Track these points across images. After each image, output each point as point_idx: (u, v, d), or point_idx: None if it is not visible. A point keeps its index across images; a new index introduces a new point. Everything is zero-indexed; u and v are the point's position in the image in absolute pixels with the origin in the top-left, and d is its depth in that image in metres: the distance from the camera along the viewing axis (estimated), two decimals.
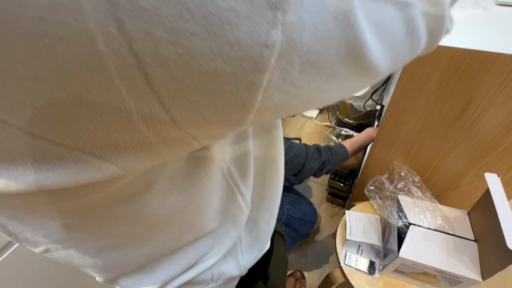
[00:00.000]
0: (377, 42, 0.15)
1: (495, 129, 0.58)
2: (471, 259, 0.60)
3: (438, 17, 0.18)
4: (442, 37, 0.21)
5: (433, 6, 0.18)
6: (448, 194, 0.79)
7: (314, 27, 0.11)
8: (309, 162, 0.72)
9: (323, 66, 0.13)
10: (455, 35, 0.52)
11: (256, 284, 0.41)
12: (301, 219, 1.04)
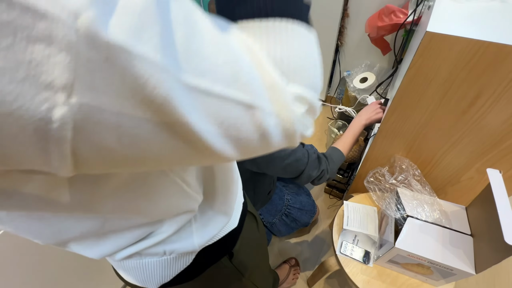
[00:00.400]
0: (215, 131, 0.17)
1: (500, 125, 0.58)
2: (466, 252, 0.61)
3: (287, 121, 0.19)
4: (300, 137, 0.22)
5: (283, 110, 0.19)
6: (447, 189, 0.80)
7: (115, 109, 0.13)
8: (308, 169, 0.71)
9: (139, 141, 0.15)
10: (469, 26, 0.51)
11: (220, 260, 0.42)
12: (300, 208, 1.05)
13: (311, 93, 0.21)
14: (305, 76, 0.20)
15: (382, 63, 1.45)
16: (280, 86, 0.19)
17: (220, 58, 0.16)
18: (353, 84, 1.41)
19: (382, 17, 1.16)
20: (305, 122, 0.21)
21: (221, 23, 0.18)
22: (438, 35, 0.50)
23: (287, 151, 0.67)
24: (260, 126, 0.18)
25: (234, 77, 0.17)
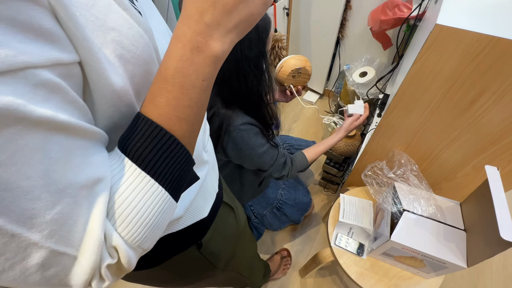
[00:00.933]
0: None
1: (501, 123, 0.58)
2: (458, 247, 0.62)
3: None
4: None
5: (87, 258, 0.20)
6: (442, 185, 0.81)
7: None
8: (271, 170, 0.77)
9: None
10: (478, 21, 0.50)
11: (188, 249, 0.42)
12: (292, 205, 1.05)
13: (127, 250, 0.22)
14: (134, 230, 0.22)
15: (382, 58, 1.45)
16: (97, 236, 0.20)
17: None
18: (352, 78, 1.40)
19: (386, 11, 1.14)
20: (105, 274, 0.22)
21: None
22: (447, 28, 0.49)
23: (262, 149, 0.71)
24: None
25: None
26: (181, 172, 0.25)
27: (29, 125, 0.16)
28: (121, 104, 0.24)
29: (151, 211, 0.22)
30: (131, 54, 0.23)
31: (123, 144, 0.23)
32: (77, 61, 0.20)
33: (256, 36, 0.63)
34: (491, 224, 0.51)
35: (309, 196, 1.13)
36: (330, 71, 1.75)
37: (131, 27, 0.23)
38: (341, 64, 1.66)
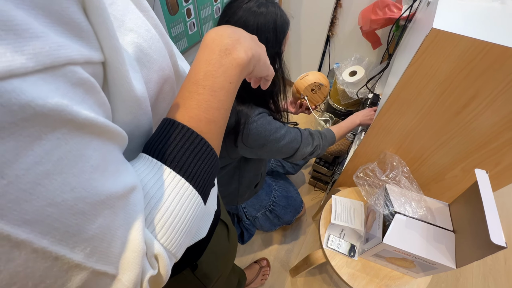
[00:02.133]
0: None
1: (491, 127, 0.59)
2: (448, 248, 0.63)
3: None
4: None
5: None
6: (431, 186, 0.82)
7: None
8: (302, 146, 0.74)
9: None
10: (473, 26, 0.50)
11: (182, 272, 0.40)
12: (285, 207, 1.04)
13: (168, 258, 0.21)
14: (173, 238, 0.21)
15: (371, 57, 1.46)
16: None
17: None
18: (342, 77, 1.40)
19: (376, 10, 1.14)
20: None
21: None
22: (443, 32, 0.49)
23: (281, 132, 0.69)
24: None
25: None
26: (211, 175, 0.24)
27: (73, 129, 0.15)
28: (140, 112, 0.22)
29: (187, 215, 0.22)
30: (147, 58, 0.22)
31: (153, 149, 0.22)
32: (102, 61, 0.18)
33: (273, 37, 0.63)
34: (480, 227, 0.52)
35: (300, 197, 1.13)
36: (319, 69, 1.75)
37: (149, 30, 0.22)
38: (331, 63, 1.66)
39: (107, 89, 0.19)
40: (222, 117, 0.25)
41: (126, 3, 0.21)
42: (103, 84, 0.19)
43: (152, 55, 0.23)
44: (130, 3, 0.21)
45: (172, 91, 0.27)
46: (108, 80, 0.19)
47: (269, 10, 0.61)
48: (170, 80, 0.26)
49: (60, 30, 0.14)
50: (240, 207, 0.99)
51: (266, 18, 0.61)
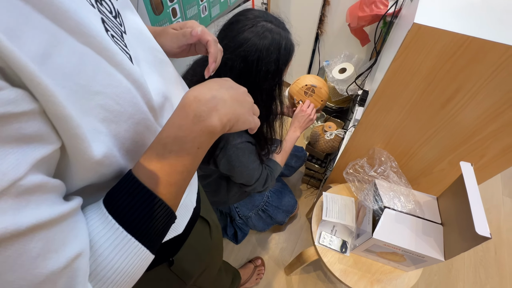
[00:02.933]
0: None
1: (474, 120, 0.60)
2: (436, 240, 0.64)
3: None
4: None
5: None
6: (420, 180, 0.83)
7: None
8: (255, 185, 0.75)
9: None
10: (454, 20, 0.50)
11: (157, 267, 0.40)
12: (278, 207, 1.04)
13: None
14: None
15: (360, 54, 1.46)
16: None
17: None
18: (332, 74, 1.41)
19: (363, 7, 1.15)
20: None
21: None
22: (425, 27, 0.49)
23: (249, 167, 0.69)
24: None
25: None
26: (164, 229, 0.26)
27: (14, 238, 0.16)
28: (103, 168, 0.24)
29: (132, 270, 0.23)
30: (114, 113, 0.23)
31: (109, 202, 0.23)
32: (59, 146, 0.20)
33: (275, 68, 0.59)
34: (466, 219, 0.53)
35: (294, 199, 1.12)
36: (310, 67, 1.75)
37: (119, 85, 0.23)
38: (321, 60, 1.67)
39: (66, 157, 0.21)
40: (185, 179, 0.26)
41: (97, 63, 0.21)
42: (62, 154, 0.21)
43: (120, 109, 0.23)
44: (101, 61, 0.22)
45: (147, 128, 0.28)
46: (68, 154, 0.20)
47: (273, 37, 0.56)
48: (143, 121, 0.27)
49: (9, 149, 0.16)
50: (233, 207, 0.98)
51: (268, 50, 0.56)
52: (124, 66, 0.23)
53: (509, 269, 1.19)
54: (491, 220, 1.35)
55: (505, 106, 0.54)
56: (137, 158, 0.26)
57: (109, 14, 0.26)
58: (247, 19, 0.57)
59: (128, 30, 0.29)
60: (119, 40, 0.25)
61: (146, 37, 0.33)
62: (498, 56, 0.47)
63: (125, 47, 0.26)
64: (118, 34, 0.26)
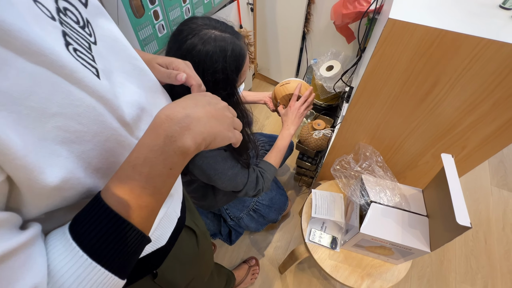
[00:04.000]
0: None
1: (453, 112, 0.61)
2: (422, 232, 0.65)
3: None
4: None
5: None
6: (406, 174, 0.84)
7: None
8: (245, 189, 0.72)
9: None
10: (428, 15, 0.51)
11: (140, 280, 0.39)
12: (269, 206, 1.03)
13: None
14: None
15: (347, 51, 1.48)
16: None
17: None
18: (319, 72, 1.42)
19: (347, 5, 1.16)
20: None
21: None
22: (399, 22, 0.50)
23: (227, 173, 0.66)
24: None
25: None
26: (135, 253, 0.25)
27: None
28: (64, 192, 0.22)
29: None
30: (76, 134, 0.22)
31: (75, 227, 0.22)
32: (5, 178, 0.18)
33: (224, 77, 0.54)
34: (449, 209, 0.53)
35: (286, 195, 1.12)
36: (298, 66, 1.76)
37: (80, 104, 0.22)
38: (309, 59, 1.68)
39: (16, 188, 0.19)
40: (157, 201, 0.25)
41: (53, 83, 0.20)
42: (11, 185, 0.19)
43: (83, 129, 0.22)
44: (58, 80, 0.20)
45: (118, 143, 0.26)
46: (17, 184, 0.19)
47: (217, 44, 0.52)
48: (113, 137, 0.25)
49: None
50: (223, 209, 0.98)
51: (212, 58, 0.52)
52: (86, 83, 0.22)
53: (499, 258, 1.21)
54: (481, 210, 1.37)
55: (481, 98, 0.55)
56: (110, 175, 0.25)
57: (74, 24, 0.25)
58: (189, 28, 0.54)
59: (100, 39, 0.28)
60: (85, 53, 0.24)
61: (123, 45, 0.31)
62: (471, 49, 0.48)
63: (92, 61, 0.24)
64: (85, 46, 0.24)
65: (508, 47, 0.46)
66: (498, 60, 0.48)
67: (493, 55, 0.48)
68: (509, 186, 1.47)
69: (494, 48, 0.47)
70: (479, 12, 0.53)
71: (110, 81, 0.26)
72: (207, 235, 0.59)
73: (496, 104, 0.55)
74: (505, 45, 0.46)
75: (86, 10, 0.27)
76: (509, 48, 0.46)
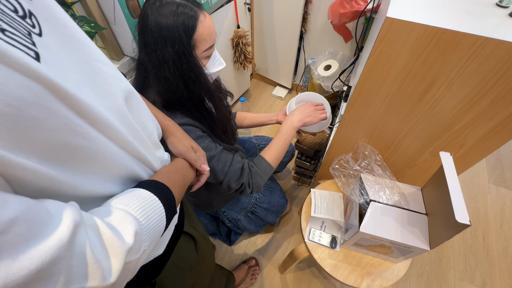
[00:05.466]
0: None
1: (451, 110, 0.61)
2: (421, 231, 0.65)
3: None
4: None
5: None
6: (405, 172, 0.84)
7: None
8: (227, 179, 0.66)
9: None
10: (426, 13, 0.51)
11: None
12: (267, 208, 1.01)
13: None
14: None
15: (345, 50, 1.48)
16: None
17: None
18: (317, 71, 1.42)
19: (344, 4, 1.16)
20: None
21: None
22: (397, 21, 0.50)
23: (210, 157, 0.63)
24: None
25: None
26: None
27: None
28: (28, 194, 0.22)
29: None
30: (10, 118, 0.19)
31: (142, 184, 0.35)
32: None
33: (169, 35, 0.53)
34: (448, 207, 0.54)
35: (285, 198, 1.11)
36: (296, 65, 1.76)
37: (5, 81, 0.19)
38: (306, 58, 1.68)
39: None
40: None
41: None
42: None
43: (16, 112, 0.20)
44: None
45: (78, 134, 0.25)
46: None
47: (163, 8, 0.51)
48: (66, 126, 0.24)
49: None
50: (220, 211, 0.97)
51: (161, 21, 0.52)
52: (13, 59, 0.19)
53: (497, 255, 1.22)
54: (479, 207, 1.38)
55: (479, 96, 0.55)
56: (82, 169, 0.26)
57: (9, 11, 0.22)
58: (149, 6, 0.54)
59: (49, 34, 0.25)
60: (20, 36, 0.21)
61: (82, 44, 0.29)
62: (469, 47, 0.48)
63: (31, 45, 0.22)
64: (22, 31, 0.22)
65: (506, 45, 0.46)
66: (495, 58, 0.48)
67: (490, 53, 0.48)
68: (507, 183, 1.48)
69: (491, 46, 0.47)
70: (476, 11, 0.53)
71: (57, 72, 0.24)
72: (206, 237, 0.59)
73: (494, 102, 0.55)
74: (502, 43, 0.46)
75: (31, 3, 0.25)
76: (506, 46, 0.46)
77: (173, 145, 0.48)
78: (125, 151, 0.32)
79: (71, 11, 0.70)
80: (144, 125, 0.38)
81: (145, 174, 0.37)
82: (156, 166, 0.40)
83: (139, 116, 0.37)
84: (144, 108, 0.39)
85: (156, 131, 0.42)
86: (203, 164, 0.49)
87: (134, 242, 0.27)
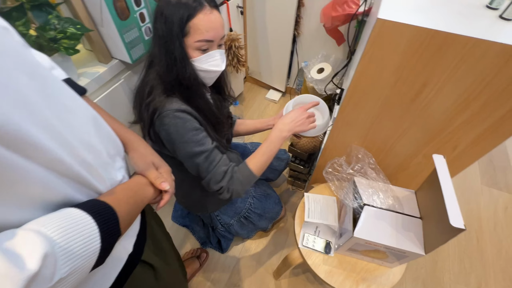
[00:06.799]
0: None
1: (444, 112, 0.60)
2: (416, 235, 0.64)
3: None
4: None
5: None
6: (399, 175, 0.84)
7: None
8: (208, 179, 0.66)
9: None
10: (417, 15, 0.51)
11: None
12: (261, 214, 1.00)
13: None
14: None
15: (337, 53, 1.48)
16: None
17: None
18: (310, 74, 1.42)
19: (336, 7, 1.16)
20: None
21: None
22: (388, 22, 0.49)
23: (194, 149, 0.62)
24: None
25: None
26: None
27: None
28: None
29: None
30: None
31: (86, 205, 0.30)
32: None
33: (165, 26, 0.57)
34: (442, 211, 0.53)
35: (280, 204, 1.09)
36: (290, 69, 1.76)
37: None
38: (300, 61, 1.68)
39: None
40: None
41: None
42: None
43: None
44: None
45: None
46: None
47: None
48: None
49: None
50: (213, 215, 0.95)
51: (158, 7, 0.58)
52: None
53: (492, 257, 1.21)
54: (472, 210, 1.38)
55: (471, 98, 0.55)
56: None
57: None
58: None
59: None
60: None
61: (25, 60, 0.28)
62: (460, 49, 0.48)
63: None
64: None
65: (497, 46, 0.46)
66: (487, 59, 0.48)
67: (482, 54, 0.48)
68: (499, 185, 1.49)
69: (483, 48, 0.47)
70: (467, 12, 0.53)
71: None
72: (171, 265, 0.55)
73: (486, 104, 0.55)
74: (493, 44, 0.46)
75: None
76: (497, 47, 0.46)
77: (134, 161, 0.45)
78: (55, 173, 0.28)
79: (56, 13, 0.68)
80: (87, 143, 0.33)
81: (85, 197, 0.33)
82: (102, 188, 0.35)
83: (80, 134, 0.33)
84: (87, 125, 0.35)
85: (109, 149, 0.39)
86: (163, 183, 0.43)
87: (41, 267, 0.22)
